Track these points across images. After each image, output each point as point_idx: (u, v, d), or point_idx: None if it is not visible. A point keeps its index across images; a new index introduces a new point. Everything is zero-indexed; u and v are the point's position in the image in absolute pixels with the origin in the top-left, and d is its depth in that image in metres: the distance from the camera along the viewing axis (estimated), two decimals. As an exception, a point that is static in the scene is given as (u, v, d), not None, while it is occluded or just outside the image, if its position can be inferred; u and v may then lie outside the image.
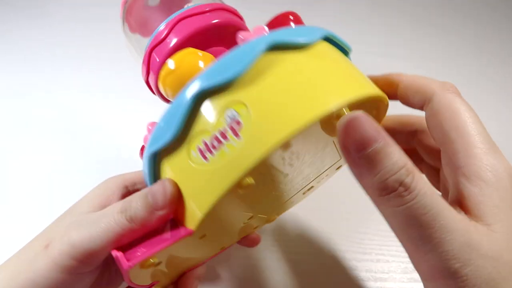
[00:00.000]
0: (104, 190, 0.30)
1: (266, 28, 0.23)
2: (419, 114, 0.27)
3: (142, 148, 0.28)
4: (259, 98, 0.20)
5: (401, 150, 0.18)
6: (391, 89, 0.27)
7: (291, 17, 0.26)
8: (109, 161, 0.40)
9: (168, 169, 0.23)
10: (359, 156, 0.18)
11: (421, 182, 0.18)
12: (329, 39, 0.24)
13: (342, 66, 0.23)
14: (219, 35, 0.30)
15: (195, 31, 0.28)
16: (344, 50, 0.25)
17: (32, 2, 0.54)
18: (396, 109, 0.30)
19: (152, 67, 0.29)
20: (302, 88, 0.20)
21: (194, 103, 0.21)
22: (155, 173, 0.24)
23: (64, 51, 0.51)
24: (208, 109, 0.21)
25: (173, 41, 0.27)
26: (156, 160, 0.23)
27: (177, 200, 0.23)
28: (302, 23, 0.26)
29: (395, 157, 0.17)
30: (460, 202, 0.20)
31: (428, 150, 0.28)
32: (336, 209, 0.42)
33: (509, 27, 0.64)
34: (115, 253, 0.23)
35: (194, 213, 0.22)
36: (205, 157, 0.21)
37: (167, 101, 0.32)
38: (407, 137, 0.30)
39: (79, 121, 0.47)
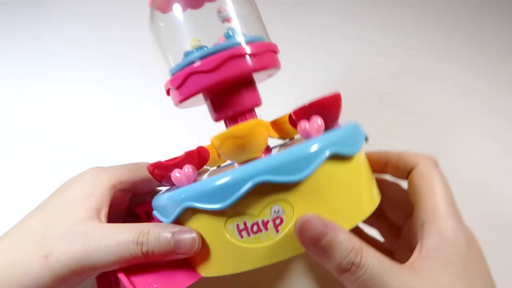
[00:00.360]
0: (92, 190, 0.29)
1: (322, 122, 0.25)
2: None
3: (157, 165, 0.28)
4: (307, 206, 0.23)
5: (348, 233, 0.22)
6: (380, 165, 0.31)
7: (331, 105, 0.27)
8: (109, 160, 0.38)
9: (197, 223, 0.25)
10: (316, 249, 0.22)
11: (369, 257, 0.22)
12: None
13: (368, 179, 0.27)
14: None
15: (242, 74, 0.27)
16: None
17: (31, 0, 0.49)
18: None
19: (184, 90, 0.28)
20: (340, 204, 0.24)
21: (252, 189, 0.22)
22: (178, 215, 0.25)
23: (64, 49, 0.47)
24: (260, 198, 0.23)
25: (218, 77, 0.27)
26: (186, 209, 0.25)
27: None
28: (340, 106, 0.28)
29: (344, 243, 0.22)
30: (421, 251, 0.24)
31: (394, 208, 0.34)
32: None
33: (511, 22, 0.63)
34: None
35: (213, 268, 0.25)
36: (241, 235, 0.23)
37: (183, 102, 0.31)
38: None
39: (78, 119, 0.45)
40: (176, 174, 0.26)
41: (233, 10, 0.31)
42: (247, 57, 0.27)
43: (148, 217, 0.35)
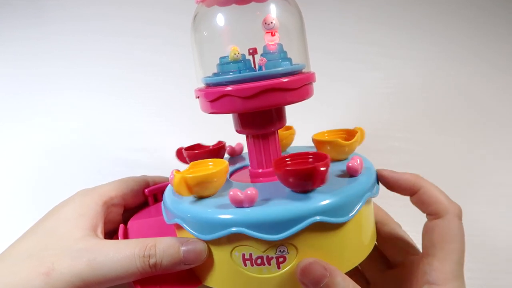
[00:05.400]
0: (84, 209, 0.29)
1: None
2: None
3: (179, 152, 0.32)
4: (312, 255, 0.25)
5: (344, 275, 0.25)
6: (408, 191, 0.31)
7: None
8: (111, 161, 0.39)
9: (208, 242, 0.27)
10: None
11: None
12: None
13: (373, 221, 0.30)
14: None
15: (276, 106, 0.28)
16: None
17: (30, 1, 0.49)
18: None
19: (217, 107, 0.28)
20: (345, 249, 0.26)
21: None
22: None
23: (63, 50, 0.48)
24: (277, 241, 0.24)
25: (252, 105, 0.27)
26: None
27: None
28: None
29: (341, 284, 0.24)
30: None
31: (393, 246, 0.34)
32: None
33: (509, 22, 0.64)
34: None
35: (212, 280, 0.27)
36: (244, 263, 0.25)
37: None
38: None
39: (77, 120, 0.46)
40: (238, 194, 0.25)
41: (280, 23, 0.30)
42: (284, 91, 0.27)
43: (156, 200, 0.37)
